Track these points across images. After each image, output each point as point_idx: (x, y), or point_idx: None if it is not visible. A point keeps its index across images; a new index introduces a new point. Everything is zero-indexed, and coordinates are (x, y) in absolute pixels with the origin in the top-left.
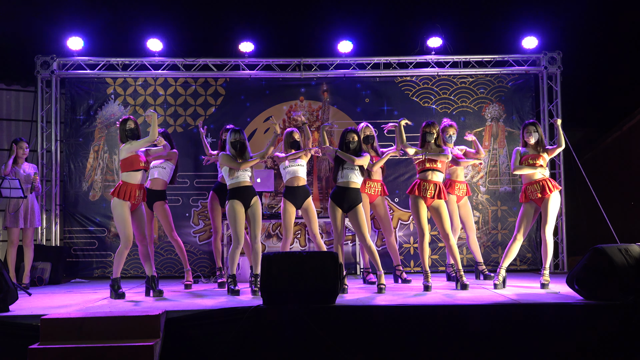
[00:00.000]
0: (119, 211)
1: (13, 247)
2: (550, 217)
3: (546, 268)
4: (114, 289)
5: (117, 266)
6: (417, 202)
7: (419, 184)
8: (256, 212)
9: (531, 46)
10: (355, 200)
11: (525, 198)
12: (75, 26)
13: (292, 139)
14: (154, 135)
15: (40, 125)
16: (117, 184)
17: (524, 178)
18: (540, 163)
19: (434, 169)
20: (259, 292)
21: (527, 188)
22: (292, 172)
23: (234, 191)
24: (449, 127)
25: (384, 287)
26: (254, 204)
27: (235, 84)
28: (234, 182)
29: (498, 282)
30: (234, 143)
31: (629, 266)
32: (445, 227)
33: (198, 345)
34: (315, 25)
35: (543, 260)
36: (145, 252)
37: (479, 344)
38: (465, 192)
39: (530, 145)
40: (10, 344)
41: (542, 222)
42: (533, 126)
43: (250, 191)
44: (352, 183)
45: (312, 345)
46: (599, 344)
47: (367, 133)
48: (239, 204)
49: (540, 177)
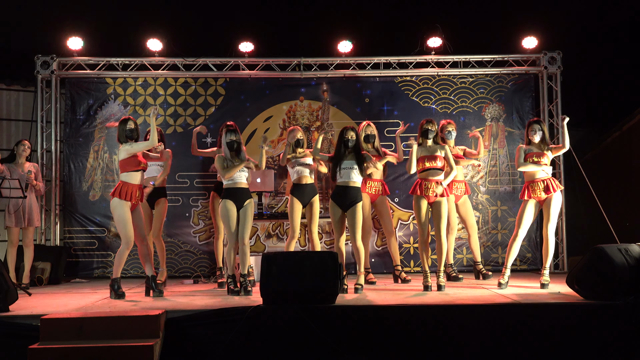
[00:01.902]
0: (119, 212)
1: (13, 247)
2: (552, 216)
3: (546, 268)
4: (114, 289)
5: (118, 266)
6: (420, 201)
7: (420, 183)
8: (247, 213)
9: (531, 46)
10: (355, 198)
11: (527, 196)
12: (75, 26)
13: (296, 138)
14: (154, 141)
15: (40, 125)
16: (116, 185)
17: (527, 176)
18: (545, 161)
19: (434, 168)
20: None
21: (530, 186)
22: (299, 171)
23: (228, 191)
24: (447, 125)
25: (360, 287)
26: (247, 205)
27: (235, 83)
28: (230, 183)
29: (503, 282)
30: (230, 144)
31: (629, 266)
32: (441, 226)
33: (198, 345)
34: (315, 25)
35: (544, 259)
36: (145, 252)
37: (479, 344)
38: (463, 191)
39: (534, 144)
40: (10, 344)
41: (545, 221)
42: (538, 124)
43: (245, 192)
44: (352, 182)
45: (312, 345)
46: (599, 344)
47: (368, 132)
48: (231, 203)
49: (544, 176)
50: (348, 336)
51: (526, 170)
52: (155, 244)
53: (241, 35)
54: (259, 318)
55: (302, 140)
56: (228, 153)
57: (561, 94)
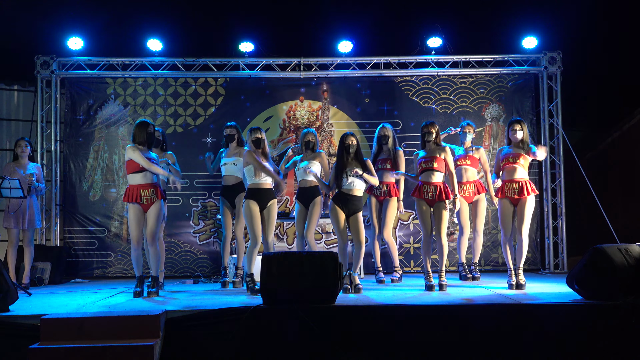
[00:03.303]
0: (129, 213)
1: (13, 247)
2: (526, 218)
3: (520, 268)
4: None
5: (135, 266)
6: (420, 204)
7: (421, 186)
8: (271, 213)
9: (531, 46)
10: (357, 207)
11: (502, 194)
12: (75, 26)
13: (306, 139)
14: (157, 172)
15: (40, 125)
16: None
17: (505, 174)
18: (521, 162)
19: (432, 169)
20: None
21: (507, 185)
22: (302, 174)
23: (253, 192)
24: (466, 126)
25: (360, 287)
26: (270, 205)
27: (235, 84)
28: (255, 183)
29: (513, 282)
30: (256, 142)
31: (629, 266)
32: (442, 228)
33: (198, 345)
34: (315, 25)
35: (518, 260)
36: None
37: (479, 344)
38: (474, 191)
39: (515, 144)
40: (10, 344)
41: (518, 222)
42: (519, 124)
43: (269, 194)
44: (356, 190)
45: (312, 345)
46: (599, 344)
47: (381, 133)
48: (255, 203)
49: (520, 177)
50: (348, 336)
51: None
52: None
53: (241, 35)
54: (259, 318)
55: (313, 143)
56: (254, 150)
57: (561, 94)
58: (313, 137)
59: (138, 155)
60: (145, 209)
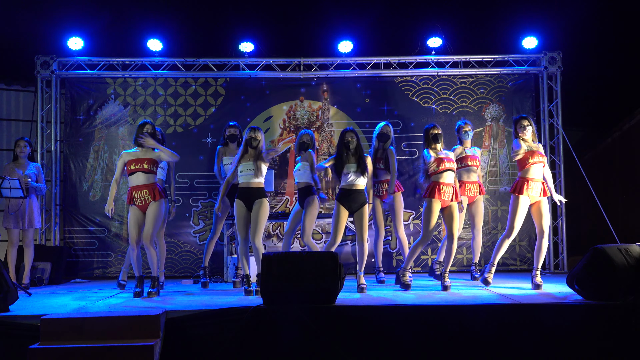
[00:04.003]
0: (129, 214)
1: (13, 247)
2: (547, 218)
3: (538, 268)
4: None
5: (134, 266)
6: (435, 205)
7: (440, 186)
8: (258, 213)
9: (531, 46)
10: (362, 201)
11: (522, 192)
12: (75, 26)
13: (301, 141)
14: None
15: (40, 125)
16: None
17: (531, 172)
18: (541, 160)
19: (450, 170)
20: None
21: (529, 183)
22: (300, 175)
23: (240, 191)
24: (464, 125)
25: (364, 286)
26: (255, 205)
27: (235, 84)
28: (242, 182)
29: (490, 280)
30: (248, 141)
31: (629, 266)
32: (454, 229)
33: (198, 345)
34: (315, 25)
35: (538, 260)
36: (151, 254)
37: (479, 344)
38: (477, 192)
39: (525, 141)
40: (10, 344)
41: (544, 221)
42: (527, 120)
43: (255, 193)
44: (357, 185)
45: (312, 345)
46: (599, 344)
47: (384, 131)
48: (240, 203)
49: (540, 177)
50: (348, 336)
51: (519, 158)
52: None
53: (241, 35)
54: (259, 318)
55: (307, 144)
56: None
57: (561, 94)
58: (307, 139)
59: (119, 163)
60: (143, 210)
